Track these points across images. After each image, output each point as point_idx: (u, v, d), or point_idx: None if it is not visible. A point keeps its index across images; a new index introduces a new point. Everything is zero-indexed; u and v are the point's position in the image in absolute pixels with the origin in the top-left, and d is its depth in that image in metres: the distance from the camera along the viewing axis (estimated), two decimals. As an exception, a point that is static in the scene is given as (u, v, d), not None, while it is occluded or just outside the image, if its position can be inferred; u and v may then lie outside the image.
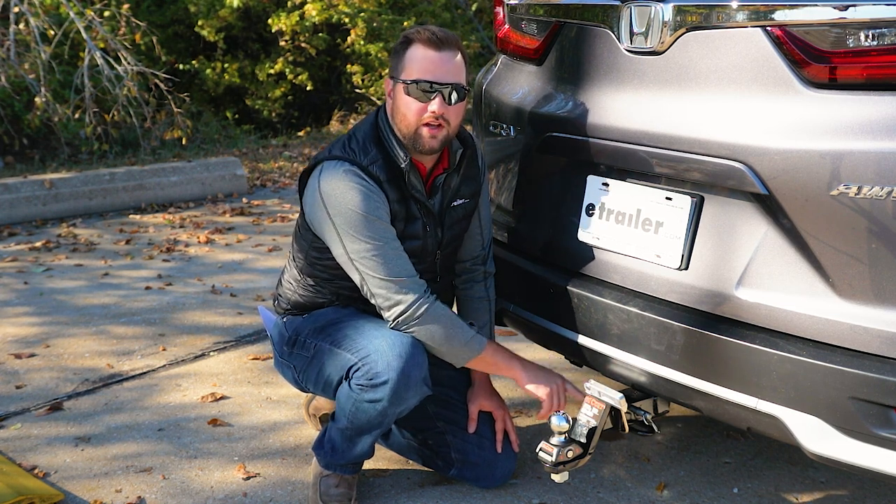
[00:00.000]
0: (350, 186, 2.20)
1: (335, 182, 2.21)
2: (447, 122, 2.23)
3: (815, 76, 1.78)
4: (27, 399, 3.13)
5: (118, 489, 2.55)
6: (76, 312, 4.04)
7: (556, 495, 2.48)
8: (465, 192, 2.42)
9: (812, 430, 1.80)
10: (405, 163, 2.25)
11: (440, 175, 2.37)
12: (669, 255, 2.07)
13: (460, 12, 10.65)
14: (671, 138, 1.99)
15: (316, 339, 2.39)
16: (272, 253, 5.07)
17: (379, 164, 2.24)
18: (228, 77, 9.05)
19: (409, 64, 2.22)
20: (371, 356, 2.23)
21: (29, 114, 7.07)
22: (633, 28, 2.06)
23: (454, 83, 2.21)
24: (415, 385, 2.25)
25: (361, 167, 2.22)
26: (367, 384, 2.23)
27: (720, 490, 2.51)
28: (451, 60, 2.22)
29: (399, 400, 2.24)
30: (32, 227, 5.64)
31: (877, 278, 1.74)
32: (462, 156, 2.38)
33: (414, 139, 2.24)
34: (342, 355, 2.30)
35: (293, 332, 2.46)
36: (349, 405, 2.29)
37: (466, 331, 2.29)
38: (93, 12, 6.93)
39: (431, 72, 2.20)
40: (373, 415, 2.27)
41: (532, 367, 2.38)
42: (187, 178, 6.43)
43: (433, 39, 2.21)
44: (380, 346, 2.23)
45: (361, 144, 2.26)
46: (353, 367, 2.26)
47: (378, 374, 2.21)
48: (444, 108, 2.20)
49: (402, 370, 2.20)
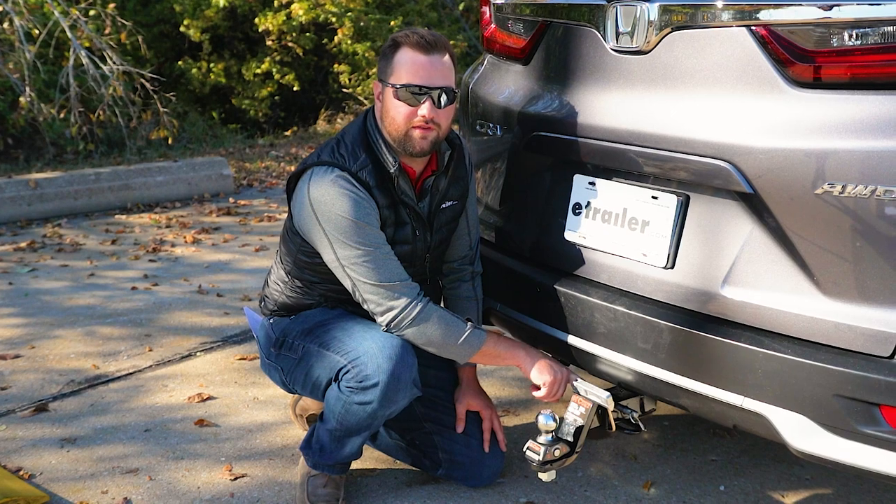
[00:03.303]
0: (340, 193, 2.19)
1: (325, 188, 2.20)
2: (437, 125, 2.22)
3: (799, 76, 1.79)
4: (12, 400, 3.12)
5: (104, 490, 2.53)
6: (62, 313, 4.02)
7: (543, 494, 2.49)
8: (454, 193, 2.42)
9: (797, 427, 1.81)
10: (394, 167, 2.25)
11: (429, 178, 2.36)
12: (656, 253, 2.07)
13: (447, 11, 10.66)
14: (657, 137, 2.00)
15: (304, 340, 2.38)
16: (259, 253, 5.06)
17: (368, 169, 2.23)
18: (214, 77, 9.02)
19: (399, 68, 2.21)
20: (361, 358, 2.22)
21: (13, 113, 7.03)
22: (619, 27, 2.06)
23: (443, 86, 2.21)
24: (405, 387, 2.24)
25: (351, 173, 2.21)
26: (357, 386, 2.23)
27: (706, 488, 2.52)
28: (441, 63, 2.21)
29: (389, 402, 2.24)
30: (17, 228, 5.61)
31: (861, 276, 1.75)
32: (450, 157, 2.38)
33: (404, 142, 2.23)
34: (331, 357, 2.29)
35: (280, 334, 2.45)
36: (339, 407, 2.28)
37: (462, 328, 2.28)
38: (78, 11, 6.90)
39: (421, 76, 2.19)
40: (363, 416, 2.27)
41: (537, 355, 2.36)
42: (173, 178, 6.40)
43: (422, 43, 2.20)
44: (369, 348, 2.22)
45: (350, 149, 2.25)
46: (342, 370, 2.26)
47: (368, 377, 2.21)
48: (433, 111, 2.20)
49: (392, 372, 2.20)
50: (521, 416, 2.97)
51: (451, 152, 2.39)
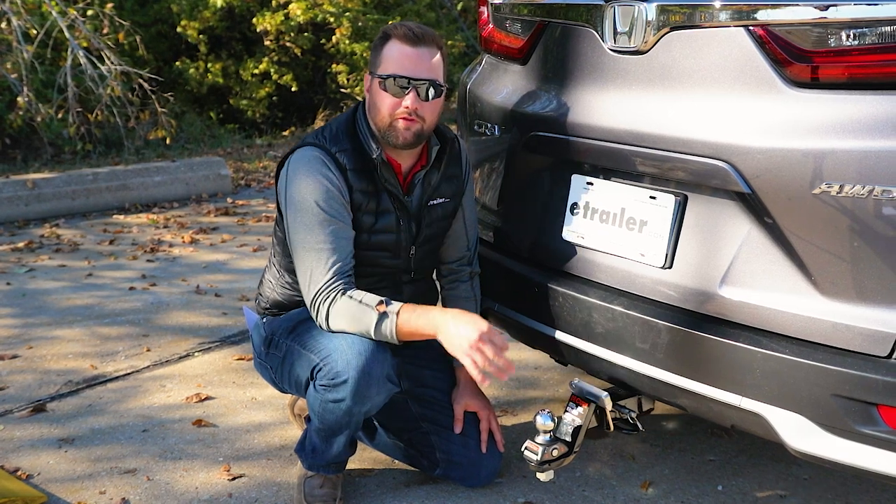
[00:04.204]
0: (309, 172, 2.24)
1: (298, 165, 2.26)
2: (422, 118, 2.23)
3: (797, 76, 1.79)
4: (9, 401, 3.11)
5: (102, 491, 2.53)
6: (59, 313, 4.02)
7: (541, 494, 2.49)
8: (446, 191, 2.42)
9: (795, 427, 1.81)
10: (376, 154, 2.26)
11: (419, 172, 2.37)
12: (653, 253, 2.07)
13: (445, 11, 10.66)
14: (655, 137, 2.00)
15: (286, 339, 2.39)
16: (257, 253, 5.06)
17: (347, 153, 2.26)
18: (212, 77, 9.01)
19: (386, 59, 2.23)
20: (331, 356, 2.21)
21: (11, 114, 7.01)
22: (617, 27, 2.07)
23: (430, 79, 2.21)
24: (377, 382, 2.22)
25: (328, 153, 2.25)
26: (329, 384, 2.22)
27: (704, 487, 2.52)
28: (428, 57, 2.22)
29: (362, 398, 2.22)
30: (15, 228, 5.60)
31: (858, 276, 1.75)
32: (441, 152, 2.38)
33: (388, 132, 2.25)
34: (307, 356, 2.29)
35: (269, 333, 2.46)
36: (317, 406, 2.29)
37: (371, 316, 2.18)
38: (75, 11, 6.89)
39: (407, 67, 2.20)
40: (339, 414, 2.26)
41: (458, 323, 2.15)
42: (171, 178, 6.40)
43: (410, 35, 2.21)
44: (339, 345, 2.21)
45: (334, 133, 2.30)
46: (315, 368, 2.26)
47: (338, 374, 2.20)
48: (418, 103, 2.21)
49: (361, 368, 2.18)
50: (519, 416, 2.97)
51: (442, 146, 2.38)
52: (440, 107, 2.28)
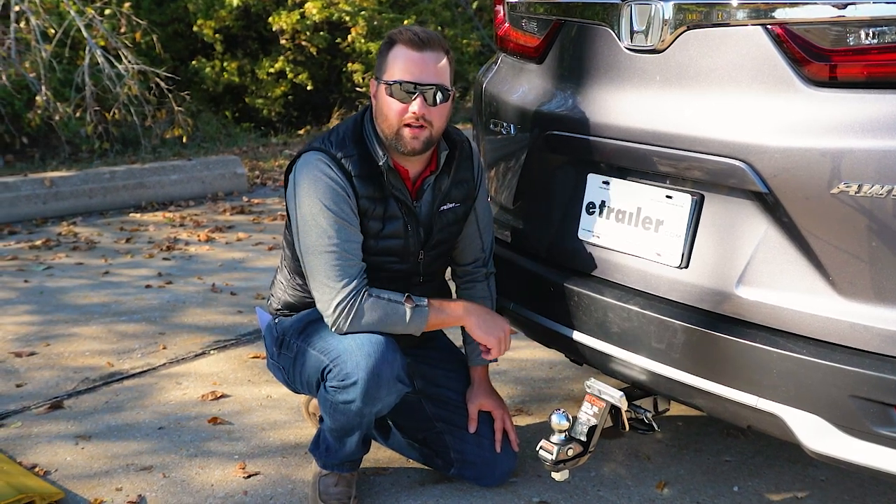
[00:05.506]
0: (316, 177, 2.22)
1: (304, 171, 2.24)
2: (429, 123, 2.20)
3: (815, 74, 1.78)
4: (27, 398, 3.13)
5: (118, 487, 2.55)
6: (76, 311, 4.04)
7: (556, 493, 2.48)
8: (457, 195, 2.40)
9: (812, 428, 1.80)
10: (383, 160, 2.24)
11: (428, 177, 2.35)
12: (670, 253, 2.06)
13: (460, 10, 10.66)
14: (671, 136, 1.99)
15: (297, 339, 2.39)
16: (272, 251, 5.07)
17: (353, 159, 2.24)
18: (228, 76, 9.04)
19: (392, 65, 2.20)
20: (341, 357, 2.21)
21: (29, 112, 7.06)
22: (634, 26, 2.06)
23: (437, 84, 2.19)
24: (387, 383, 2.22)
25: (333, 159, 2.23)
26: (338, 385, 2.22)
27: (720, 488, 2.51)
28: (434, 61, 2.20)
29: (372, 399, 2.22)
30: (33, 226, 5.64)
31: (877, 277, 1.74)
32: (450, 157, 2.36)
33: (395, 140, 2.22)
34: (317, 357, 2.29)
35: (281, 334, 2.46)
36: (328, 406, 2.29)
37: (401, 311, 2.23)
38: (93, 10, 6.93)
39: (413, 72, 2.18)
40: (350, 415, 2.26)
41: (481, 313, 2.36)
42: (188, 177, 6.43)
43: (415, 40, 2.19)
44: (349, 346, 2.21)
45: (340, 139, 2.27)
46: (325, 369, 2.26)
47: (348, 375, 2.19)
48: (425, 109, 2.18)
49: (371, 369, 2.18)
50: (534, 416, 2.96)
51: (451, 151, 2.36)
52: (448, 111, 2.25)
